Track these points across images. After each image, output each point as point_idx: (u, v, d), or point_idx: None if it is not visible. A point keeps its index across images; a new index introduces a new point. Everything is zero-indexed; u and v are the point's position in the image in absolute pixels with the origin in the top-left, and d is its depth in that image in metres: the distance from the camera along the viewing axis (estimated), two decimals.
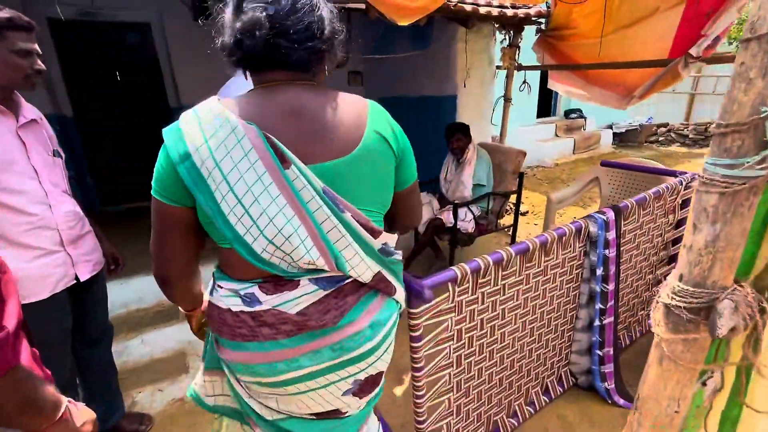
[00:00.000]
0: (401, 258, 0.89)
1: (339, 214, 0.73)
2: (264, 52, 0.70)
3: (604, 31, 2.54)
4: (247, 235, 0.71)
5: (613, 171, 2.54)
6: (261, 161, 0.68)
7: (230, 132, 0.68)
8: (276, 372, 0.78)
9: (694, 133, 8.51)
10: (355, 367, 0.82)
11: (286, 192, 0.70)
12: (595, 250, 1.60)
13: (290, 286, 0.75)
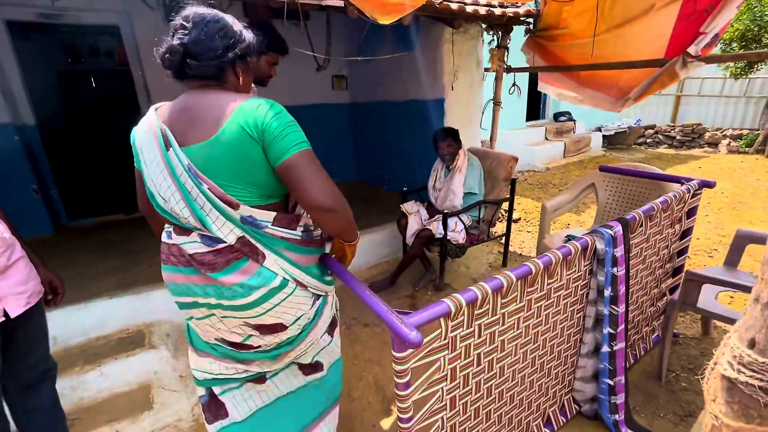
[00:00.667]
0: (286, 235, 1.07)
1: (199, 186, 0.97)
2: (179, 68, 1.00)
3: (596, 31, 2.42)
4: (154, 195, 1.02)
5: (609, 176, 2.41)
6: (156, 145, 0.99)
7: (147, 124, 1.03)
8: (177, 291, 1.07)
9: (681, 134, 8.55)
10: (238, 313, 1.05)
11: (165, 167, 0.98)
12: (602, 269, 1.44)
13: (186, 233, 1.03)
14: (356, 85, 4.56)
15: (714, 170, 5.83)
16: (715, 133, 8.25)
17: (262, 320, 1.07)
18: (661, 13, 2.14)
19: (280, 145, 0.97)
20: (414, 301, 2.71)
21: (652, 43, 2.27)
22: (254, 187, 1.02)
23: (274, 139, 0.97)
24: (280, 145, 0.97)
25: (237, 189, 1.00)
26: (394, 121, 4.03)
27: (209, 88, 1.04)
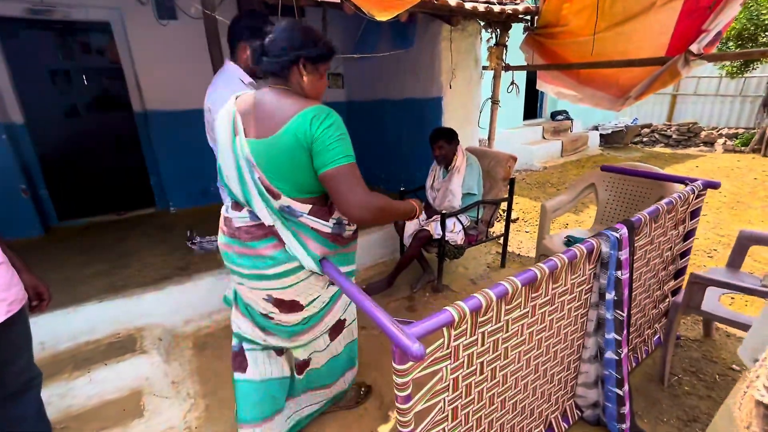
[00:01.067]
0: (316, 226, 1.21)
1: (252, 174, 1.14)
2: (257, 65, 1.19)
3: (596, 28, 2.38)
4: (222, 169, 1.21)
5: (610, 176, 2.38)
6: (228, 128, 1.16)
7: (226, 108, 1.20)
8: (225, 257, 1.28)
9: (677, 133, 8.57)
10: (263, 283, 1.23)
11: (230, 150, 1.16)
12: (605, 272, 1.40)
13: (239, 209, 1.22)
14: (353, 83, 4.50)
15: (711, 169, 5.83)
16: (711, 132, 8.27)
17: (283, 294, 1.25)
18: (662, 10, 2.10)
19: (325, 157, 1.09)
20: (412, 302, 2.66)
21: (653, 41, 2.23)
22: (298, 184, 1.16)
23: (321, 150, 1.09)
24: (325, 156, 1.09)
25: (282, 183, 1.15)
26: (391, 120, 3.98)
27: (279, 87, 1.18)
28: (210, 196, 4.07)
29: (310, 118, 1.08)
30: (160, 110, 3.60)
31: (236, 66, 1.75)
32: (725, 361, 1.94)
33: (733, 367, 1.90)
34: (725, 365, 1.92)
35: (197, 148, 3.92)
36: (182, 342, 2.27)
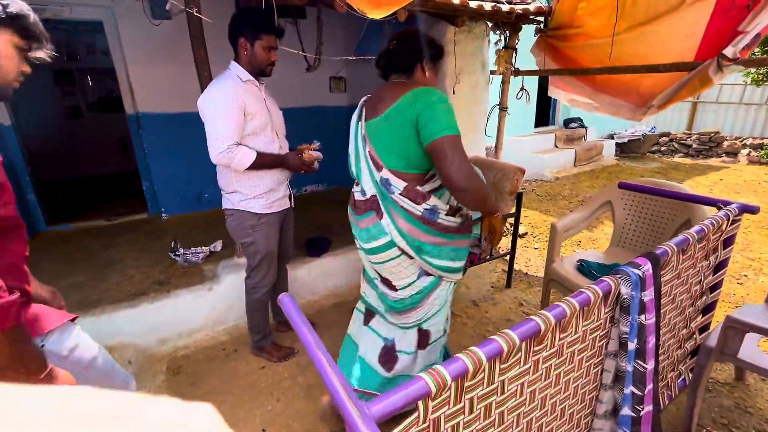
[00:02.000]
0: (406, 205, 1.32)
1: (364, 149, 1.40)
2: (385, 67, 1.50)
3: (616, 30, 2.15)
4: (350, 152, 1.50)
5: (629, 194, 2.13)
6: (355, 117, 1.49)
7: (360, 105, 1.52)
8: (352, 228, 1.52)
9: (698, 143, 8.19)
10: (366, 255, 1.46)
11: (353, 134, 1.47)
12: (626, 318, 1.17)
13: (356, 185, 1.47)
14: (355, 87, 4.32)
15: (737, 183, 5.48)
16: (735, 142, 7.88)
17: (381, 268, 1.42)
18: (692, 9, 1.86)
19: (431, 128, 1.21)
20: None
21: (680, 44, 1.99)
22: (403, 158, 1.31)
23: (426, 122, 1.21)
24: (431, 128, 1.21)
25: (388, 156, 1.32)
26: None
27: (399, 81, 1.40)
28: (204, 202, 3.92)
29: (415, 95, 1.25)
30: (153, 112, 3.47)
31: (235, 64, 1.73)
32: (762, 412, 1.68)
33: None
34: (762, 417, 1.66)
35: (191, 152, 3.79)
36: (155, 364, 2.10)
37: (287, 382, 1.97)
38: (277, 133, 1.84)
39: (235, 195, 1.79)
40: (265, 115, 1.75)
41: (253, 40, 1.66)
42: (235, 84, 1.65)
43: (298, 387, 1.94)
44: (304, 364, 2.10)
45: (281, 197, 1.89)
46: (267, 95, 1.85)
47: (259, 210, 1.81)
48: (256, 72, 1.73)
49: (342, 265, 2.84)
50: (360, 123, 1.43)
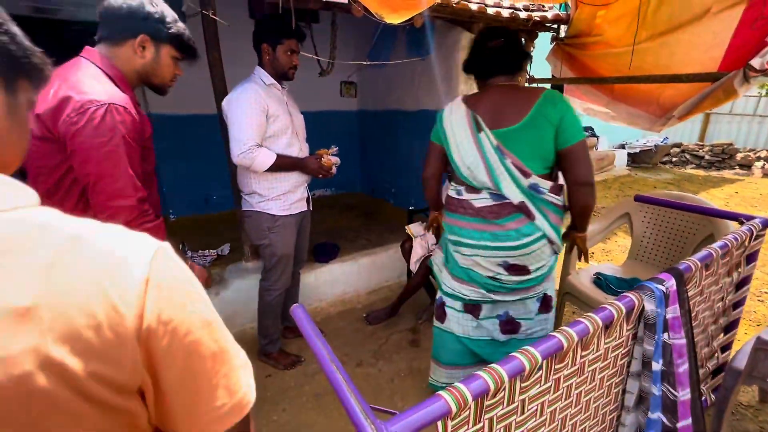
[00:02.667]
0: (555, 201, 1.40)
1: (503, 160, 1.36)
2: (487, 71, 1.47)
3: (636, 39, 2.10)
4: (458, 164, 1.45)
5: (648, 206, 2.08)
6: (468, 127, 1.41)
7: (460, 111, 1.44)
8: (462, 233, 1.48)
9: (710, 154, 8.06)
10: (503, 252, 1.42)
11: (475, 144, 1.39)
12: (651, 336, 1.12)
13: (476, 192, 1.44)
14: (366, 92, 4.31)
15: (753, 197, 5.37)
16: (748, 154, 7.74)
17: (517, 261, 1.43)
18: (717, 18, 1.82)
19: (570, 132, 1.30)
20: (416, 335, 2.40)
21: (703, 54, 1.95)
22: (542, 160, 1.36)
23: (567, 126, 1.30)
24: (570, 132, 1.30)
25: (531, 161, 1.35)
26: (404, 132, 3.76)
27: (507, 84, 1.42)
28: (212, 204, 3.92)
29: (553, 98, 1.32)
30: (164, 113, 3.48)
31: (259, 68, 1.79)
32: None
33: None
34: None
35: (200, 154, 3.80)
36: None
37: (294, 392, 1.93)
38: (298, 136, 1.87)
39: (254, 196, 1.84)
40: (287, 118, 1.79)
41: (275, 44, 1.72)
42: (258, 87, 1.70)
43: (305, 396, 1.90)
44: (311, 373, 2.06)
45: (299, 199, 1.91)
46: (289, 99, 1.89)
47: (276, 212, 1.84)
48: (279, 76, 1.79)
49: (350, 271, 2.80)
50: (482, 134, 1.36)
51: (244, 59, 2.24)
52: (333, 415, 1.79)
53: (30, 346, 0.31)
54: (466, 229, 1.46)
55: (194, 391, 0.41)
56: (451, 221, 1.52)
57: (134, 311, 0.35)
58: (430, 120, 3.35)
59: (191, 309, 0.40)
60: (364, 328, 2.45)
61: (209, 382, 0.42)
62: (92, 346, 0.33)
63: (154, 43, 1.16)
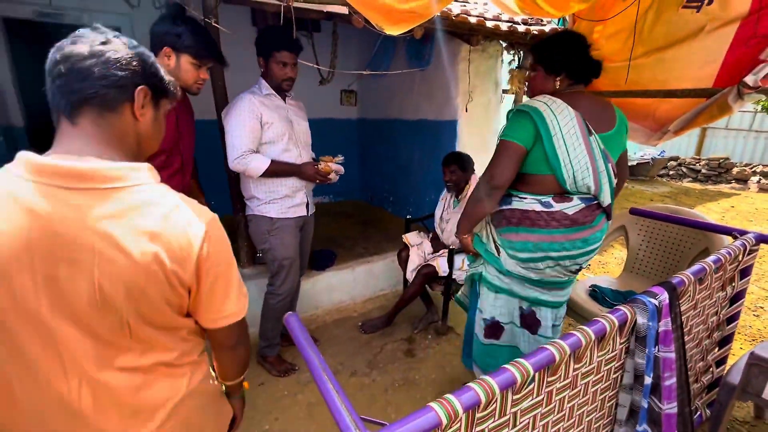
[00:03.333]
0: None
1: (606, 165, 1.38)
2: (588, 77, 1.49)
3: (632, 54, 2.14)
4: (565, 169, 1.35)
5: (644, 220, 2.09)
6: (579, 131, 1.34)
7: (569, 114, 1.34)
8: (555, 248, 1.41)
9: (707, 168, 8.12)
10: (584, 258, 1.45)
11: (587, 148, 1.35)
12: (643, 349, 1.12)
13: (568, 199, 1.39)
14: (366, 101, 4.35)
15: (749, 211, 5.40)
16: (744, 168, 7.81)
17: (586, 263, 1.50)
18: (712, 36, 1.85)
19: (626, 140, 1.52)
20: (411, 345, 2.39)
21: (698, 71, 1.97)
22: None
23: (625, 133, 1.50)
24: (626, 140, 1.52)
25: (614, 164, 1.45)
26: (403, 141, 3.78)
27: (581, 91, 1.47)
28: (211, 209, 3.92)
29: (620, 110, 1.49)
30: None
31: (261, 79, 1.84)
32: None
33: None
34: None
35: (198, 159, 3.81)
36: None
37: (286, 401, 1.92)
38: (297, 143, 1.90)
39: (253, 200, 1.89)
40: (283, 125, 1.82)
41: (267, 57, 1.76)
42: (252, 96, 1.75)
43: (298, 406, 1.89)
44: (305, 382, 2.04)
45: (297, 204, 1.93)
46: (293, 107, 1.93)
47: (274, 215, 1.87)
48: (275, 88, 1.82)
49: (346, 279, 2.80)
50: (593, 138, 1.34)
51: (246, 66, 2.27)
52: (326, 425, 1.77)
53: (154, 251, 0.62)
54: (557, 242, 1.38)
55: (213, 297, 0.73)
56: (530, 237, 1.40)
57: (198, 245, 0.67)
58: (429, 130, 3.40)
59: (225, 253, 0.73)
60: (359, 337, 2.44)
61: (222, 294, 0.74)
62: (177, 257, 0.65)
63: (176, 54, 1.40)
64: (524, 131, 1.34)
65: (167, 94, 0.74)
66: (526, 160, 1.38)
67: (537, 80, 1.48)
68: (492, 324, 1.62)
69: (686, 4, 1.92)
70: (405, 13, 1.60)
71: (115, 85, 0.64)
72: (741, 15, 1.77)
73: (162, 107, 0.74)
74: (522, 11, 1.94)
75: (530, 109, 1.34)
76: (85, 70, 0.62)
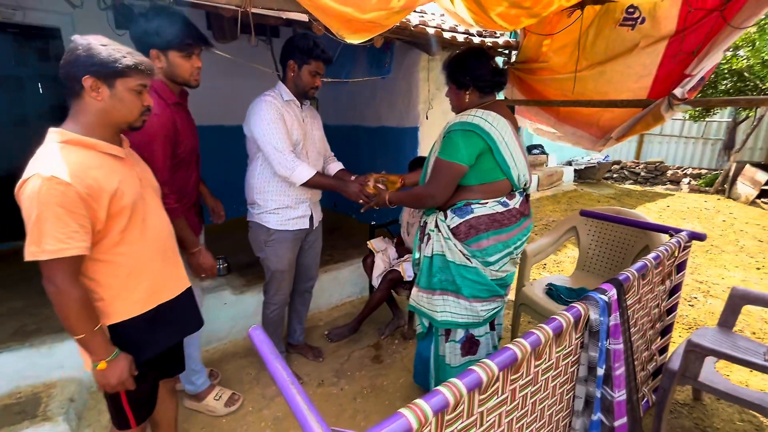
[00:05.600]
0: None
1: (526, 159, 1.61)
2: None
3: (577, 67, 2.30)
4: (513, 171, 1.49)
5: (592, 221, 2.24)
6: (513, 135, 1.51)
7: (503, 123, 1.47)
8: (513, 241, 1.54)
9: (645, 171, 8.84)
10: (524, 245, 1.63)
11: (521, 149, 1.54)
12: (595, 343, 1.20)
13: (514, 196, 1.54)
14: (328, 107, 4.33)
15: (682, 210, 5.93)
16: (677, 171, 8.58)
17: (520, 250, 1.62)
18: (645, 52, 2.03)
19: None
20: (378, 351, 2.39)
21: (634, 83, 2.16)
22: None
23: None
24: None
25: None
26: (365, 147, 3.80)
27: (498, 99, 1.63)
28: None
29: None
30: None
31: (281, 84, 1.83)
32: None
33: None
34: None
35: None
36: (101, 402, 1.91)
37: (252, 416, 1.85)
38: (308, 152, 1.88)
39: (254, 206, 1.86)
40: (299, 133, 1.81)
41: (301, 63, 1.75)
42: (273, 100, 1.75)
43: (264, 421, 1.83)
44: (271, 396, 1.98)
45: (299, 216, 1.88)
46: (308, 116, 1.92)
47: (272, 225, 1.83)
48: (300, 94, 1.82)
49: (329, 286, 2.76)
50: (520, 138, 1.55)
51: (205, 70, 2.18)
52: None
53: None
54: (514, 236, 1.52)
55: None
56: (500, 237, 1.50)
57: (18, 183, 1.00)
58: (391, 137, 3.44)
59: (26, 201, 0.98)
60: (325, 346, 2.41)
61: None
62: None
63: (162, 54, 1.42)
64: (469, 149, 1.43)
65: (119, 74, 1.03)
66: (480, 171, 1.47)
67: (451, 95, 1.62)
68: (467, 339, 1.63)
69: (622, 23, 2.10)
70: (365, 23, 1.62)
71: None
72: (669, 33, 1.96)
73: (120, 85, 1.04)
74: (477, 24, 2.02)
75: (473, 126, 1.42)
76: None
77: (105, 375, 1.04)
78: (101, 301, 1.07)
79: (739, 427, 1.79)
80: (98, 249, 1.04)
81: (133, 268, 1.12)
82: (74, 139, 1.03)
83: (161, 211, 1.23)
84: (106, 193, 1.02)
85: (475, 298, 1.56)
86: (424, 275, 1.64)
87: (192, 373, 1.78)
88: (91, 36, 1.05)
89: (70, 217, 0.96)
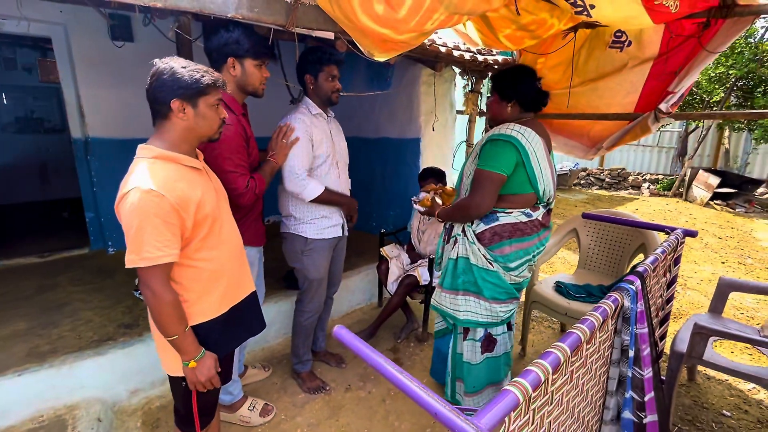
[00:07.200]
0: None
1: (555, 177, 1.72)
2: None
3: (571, 83, 2.53)
4: (540, 186, 1.61)
5: (591, 222, 2.45)
6: (545, 153, 1.62)
7: (537, 140, 1.59)
8: (533, 249, 1.68)
9: (609, 177, 9.49)
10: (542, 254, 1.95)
11: (551, 166, 1.66)
12: (627, 328, 1.35)
13: (538, 208, 1.67)
14: None
15: (649, 212, 6.44)
16: (637, 177, 9.28)
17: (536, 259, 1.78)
18: (633, 71, 2.28)
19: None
20: (397, 354, 2.47)
21: (623, 98, 2.41)
22: None
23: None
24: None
25: None
26: (364, 159, 3.90)
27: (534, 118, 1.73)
28: None
29: None
30: (106, 137, 3.20)
31: (307, 99, 1.88)
32: (715, 407, 1.97)
33: (724, 413, 1.92)
34: (716, 411, 1.94)
35: None
36: (128, 420, 1.86)
37: (286, 424, 1.87)
38: (338, 164, 1.96)
39: (290, 219, 1.90)
40: (329, 146, 1.87)
41: (316, 73, 1.81)
42: (303, 117, 1.81)
43: (300, 428, 1.85)
44: (301, 404, 2.00)
45: (333, 225, 1.95)
46: (333, 127, 1.98)
47: (309, 235, 1.88)
48: (324, 102, 1.88)
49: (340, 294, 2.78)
50: (551, 156, 1.68)
51: None
52: None
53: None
54: (534, 245, 1.66)
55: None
56: (522, 245, 1.63)
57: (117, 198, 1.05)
58: (392, 148, 3.56)
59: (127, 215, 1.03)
60: (345, 352, 2.45)
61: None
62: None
63: (239, 62, 1.51)
64: (507, 160, 1.54)
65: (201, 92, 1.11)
66: (512, 182, 1.59)
67: (493, 105, 1.72)
68: (486, 338, 1.76)
69: (611, 45, 2.34)
70: (398, 43, 1.74)
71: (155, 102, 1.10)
72: (653, 56, 2.22)
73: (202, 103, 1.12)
74: (484, 44, 2.20)
75: (511, 138, 1.54)
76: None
77: (195, 373, 1.08)
78: (185, 303, 1.11)
79: (730, 401, 2.02)
80: (183, 255, 1.08)
81: (213, 272, 1.17)
82: (162, 155, 1.07)
83: (233, 219, 1.30)
84: (192, 203, 1.07)
85: (494, 300, 1.68)
86: (449, 276, 1.75)
87: (230, 383, 1.78)
88: (172, 59, 1.12)
89: (166, 227, 1.00)
